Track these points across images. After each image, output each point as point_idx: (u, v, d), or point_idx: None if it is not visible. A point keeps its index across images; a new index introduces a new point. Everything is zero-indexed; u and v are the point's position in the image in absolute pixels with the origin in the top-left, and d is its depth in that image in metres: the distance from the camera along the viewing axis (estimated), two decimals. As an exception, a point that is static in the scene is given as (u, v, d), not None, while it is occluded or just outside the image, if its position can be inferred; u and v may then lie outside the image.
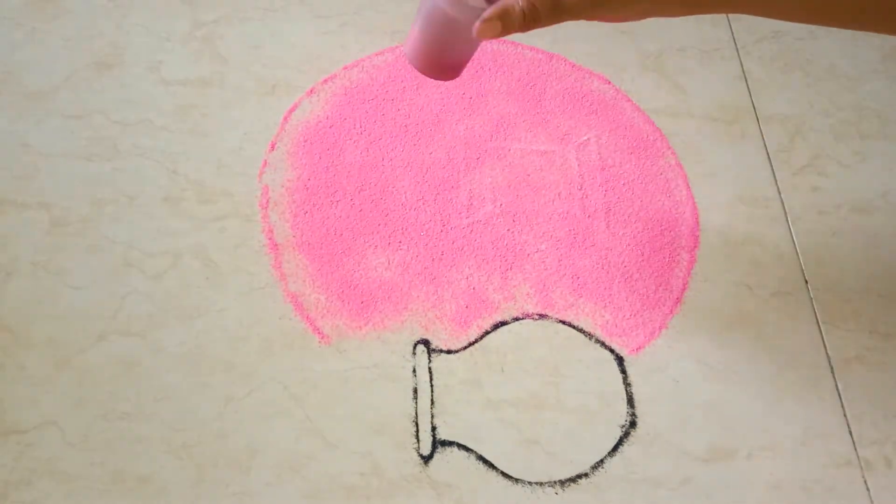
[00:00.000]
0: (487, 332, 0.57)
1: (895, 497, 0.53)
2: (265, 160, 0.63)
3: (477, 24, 0.40)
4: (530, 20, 0.39)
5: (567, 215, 0.63)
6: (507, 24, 0.40)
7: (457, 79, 0.49)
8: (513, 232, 0.62)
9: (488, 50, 0.72)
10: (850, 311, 0.61)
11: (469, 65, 0.47)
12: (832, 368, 0.58)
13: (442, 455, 0.52)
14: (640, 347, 0.58)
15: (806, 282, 0.62)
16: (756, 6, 0.41)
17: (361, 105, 0.67)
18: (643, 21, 0.78)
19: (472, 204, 0.63)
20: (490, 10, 0.40)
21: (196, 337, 0.55)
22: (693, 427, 0.55)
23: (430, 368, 0.55)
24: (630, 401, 0.55)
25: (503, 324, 0.58)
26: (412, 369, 0.55)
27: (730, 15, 0.79)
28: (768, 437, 0.55)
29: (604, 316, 0.59)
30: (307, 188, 0.62)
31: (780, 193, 0.67)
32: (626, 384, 0.56)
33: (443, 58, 0.47)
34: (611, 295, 0.60)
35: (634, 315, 0.59)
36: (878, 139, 0.71)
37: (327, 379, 0.54)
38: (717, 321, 0.59)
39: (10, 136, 0.62)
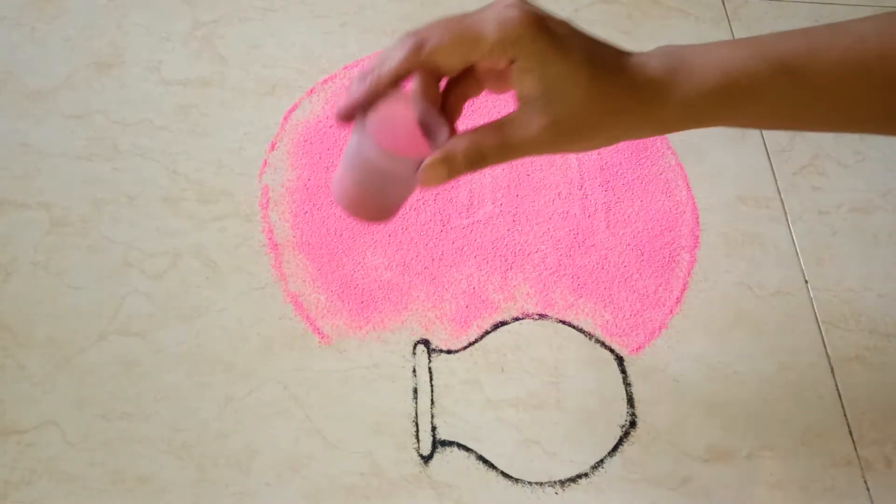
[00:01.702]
0: (487, 332, 0.57)
1: (895, 497, 0.53)
2: (265, 160, 0.63)
3: (420, 173, 0.36)
4: (476, 161, 0.36)
5: (567, 215, 0.63)
6: (453, 168, 0.36)
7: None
8: (513, 232, 0.62)
9: (488, 50, 0.72)
10: (850, 311, 0.61)
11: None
12: (832, 368, 0.58)
13: (442, 455, 0.52)
14: (640, 347, 0.58)
15: (806, 282, 0.62)
16: (727, 118, 0.37)
17: (361, 105, 0.67)
18: (644, 21, 0.78)
19: (472, 204, 0.63)
20: (431, 158, 0.36)
21: (196, 337, 0.55)
22: (693, 427, 0.55)
23: (430, 368, 0.55)
24: (630, 401, 0.55)
25: (503, 324, 0.58)
26: (412, 369, 0.55)
27: (730, 15, 0.79)
28: (768, 437, 0.55)
29: (604, 316, 0.59)
30: (307, 188, 0.62)
31: (780, 193, 0.67)
32: (626, 384, 0.56)
33: (376, 205, 0.43)
34: (611, 295, 0.60)
35: (634, 315, 0.59)
36: (878, 139, 0.71)
37: (327, 379, 0.54)
38: (717, 321, 0.59)
39: (11, 136, 0.62)
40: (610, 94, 0.35)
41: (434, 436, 0.53)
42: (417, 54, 0.34)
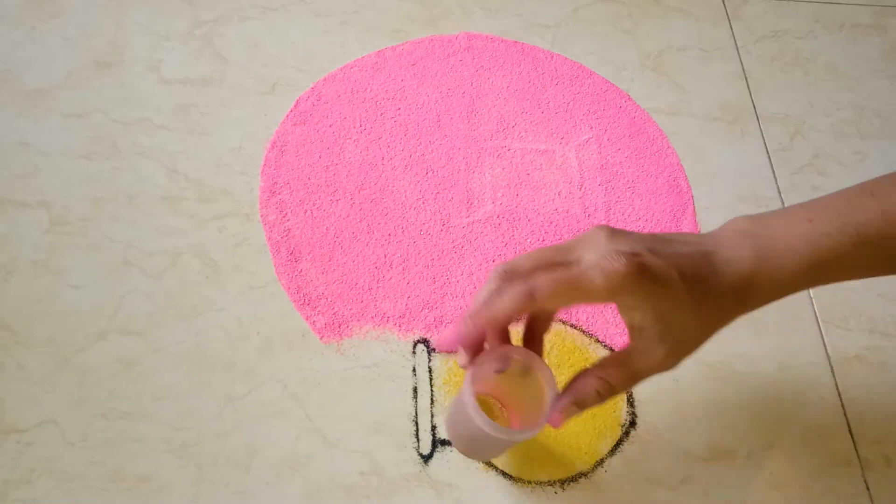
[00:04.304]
0: (487, 332, 0.57)
1: (895, 497, 0.53)
2: (265, 159, 0.63)
3: (553, 419, 0.40)
4: (606, 397, 0.39)
5: (567, 215, 0.63)
6: (585, 407, 0.40)
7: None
8: (513, 231, 0.62)
9: (488, 48, 0.72)
10: (850, 311, 0.61)
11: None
12: (832, 368, 0.58)
13: (442, 454, 0.52)
14: (640, 347, 0.58)
15: (806, 281, 0.62)
16: (813, 286, 0.40)
17: (361, 105, 0.67)
18: (644, 20, 0.78)
19: (472, 204, 0.63)
20: (564, 402, 0.40)
21: (196, 336, 0.55)
22: (693, 427, 0.55)
23: (430, 368, 0.55)
24: (630, 400, 0.55)
25: (503, 323, 0.58)
26: (412, 369, 0.55)
27: (730, 14, 0.79)
28: (768, 437, 0.55)
29: (604, 316, 0.59)
30: (307, 188, 0.62)
31: (780, 193, 0.67)
32: (626, 384, 0.56)
33: (486, 455, 0.51)
34: (611, 294, 0.60)
35: (634, 315, 0.59)
36: (878, 139, 0.71)
37: (327, 378, 0.54)
38: (717, 321, 0.59)
39: (10, 135, 0.62)
40: (713, 305, 0.37)
41: (434, 435, 0.53)
42: (530, 302, 0.36)
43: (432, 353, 0.56)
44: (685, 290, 0.36)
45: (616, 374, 0.39)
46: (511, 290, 0.36)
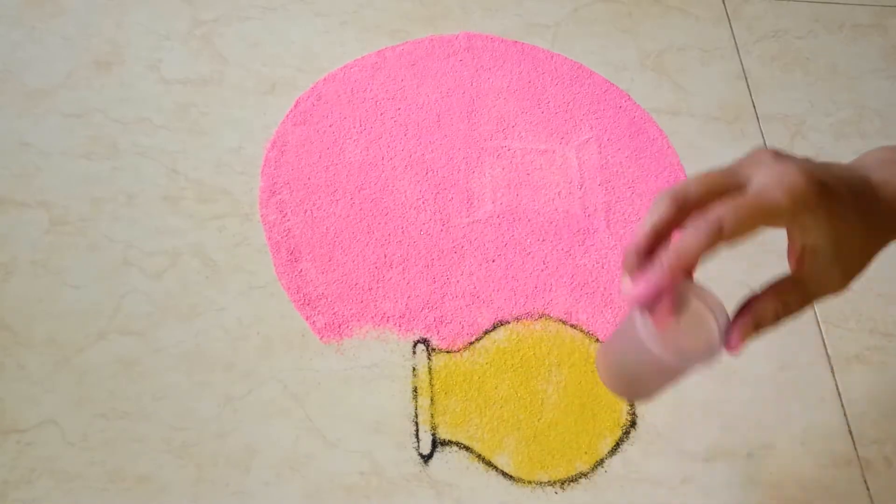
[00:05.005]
0: (487, 332, 0.57)
1: (895, 497, 0.53)
2: (265, 159, 0.63)
3: (733, 339, 0.38)
4: (783, 318, 0.39)
5: (567, 215, 0.63)
6: (762, 328, 0.39)
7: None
8: (513, 231, 0.62)
9: (488, 48, 0.72)
10: (850, 311, 0.61)
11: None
12: (832, 368, 0.58)
13: (442, 454, 0.52)
14: (640, 347, 0.58)
15: (806, 281, 0.62)
16: None
17: (361, 105, 0.67)
18: (644, 20, 0.78)
19: (472, 204, 0.63)
20: (743, 325, 0.39)
21: (195, 336, 0.55)
22: (693, 427, 0.55)
23: (430, 368, 0.55)
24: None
25: (503, 323, 0.58)
26: (412, 369, 0.55)
27: (730, 14, 0.79)
28: (768, 437, 0.55)
29: (604, 315, 0.59)
30: (307, 188, 0.62)
31: (780, 193, 0.67)
32: (626, 384, 0.56)
33: (650, 392, 0.45)
34: (611, 295, 0.60)
35: (634, 315, 0.59)
36: (878, 138, 0.71)
37: (327, 378, 0.54)
38: (717, 321, 0.59)
39: (10, 135, 0.62)
40: (876, 224, 0.38)
41: (434, 435, 0.53)
42: (719, 237, 0.35)
43: (432, 353, 0.56)
44: (857, 210, 0.36)
45: (793, 295, 0.39)
46: (696, 231, 0.35)
